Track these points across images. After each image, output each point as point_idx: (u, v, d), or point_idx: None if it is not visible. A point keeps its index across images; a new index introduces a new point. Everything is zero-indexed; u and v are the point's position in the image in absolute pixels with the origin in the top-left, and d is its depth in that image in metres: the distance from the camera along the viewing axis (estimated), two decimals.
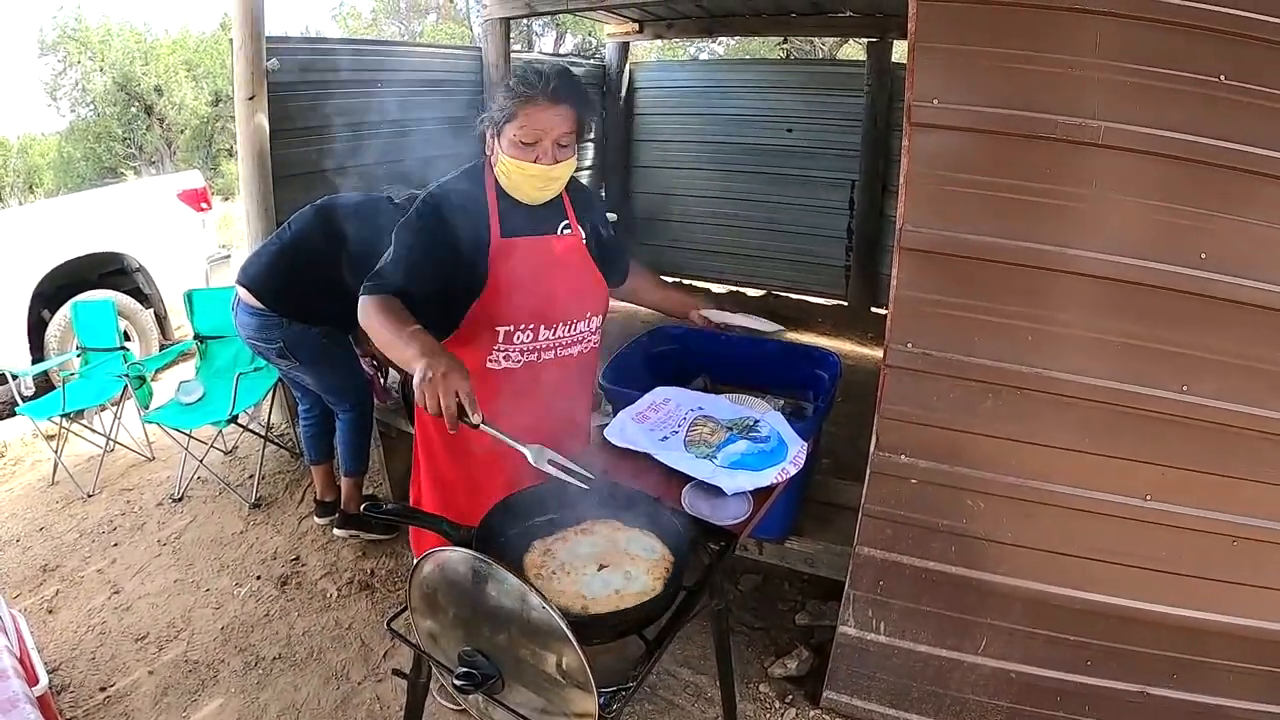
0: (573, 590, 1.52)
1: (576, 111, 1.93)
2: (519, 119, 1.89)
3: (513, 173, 1.95)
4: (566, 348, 2.13)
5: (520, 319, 2.02)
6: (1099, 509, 2.15)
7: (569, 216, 2.14)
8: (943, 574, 2.34)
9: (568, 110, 1.91)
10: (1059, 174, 2.00)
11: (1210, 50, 1.84)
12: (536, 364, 2.09)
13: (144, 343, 5.91)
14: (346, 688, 2.85)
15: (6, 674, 1.80)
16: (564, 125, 1.91)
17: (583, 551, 1.64)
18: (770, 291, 7.57)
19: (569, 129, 1.92)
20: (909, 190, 2.10)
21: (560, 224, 2.12)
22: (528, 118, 1.89)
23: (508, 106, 1.90)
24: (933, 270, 2.13)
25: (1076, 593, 2.24)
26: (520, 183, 1.97)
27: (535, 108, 1.88)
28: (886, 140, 6.48)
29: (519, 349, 2.06)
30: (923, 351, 2.17)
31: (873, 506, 2.36)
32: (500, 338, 2.03)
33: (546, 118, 1.89)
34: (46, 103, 18.17)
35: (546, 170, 1.93)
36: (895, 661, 2.49)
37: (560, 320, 2.08)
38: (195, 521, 3.96)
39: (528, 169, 1.93)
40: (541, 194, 2.01)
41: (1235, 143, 1.86)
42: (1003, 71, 1.98)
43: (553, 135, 1.90)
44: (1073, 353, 2.09)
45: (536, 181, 1.96)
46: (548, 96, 1.87)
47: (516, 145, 1.91)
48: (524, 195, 2.01)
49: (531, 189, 1.99)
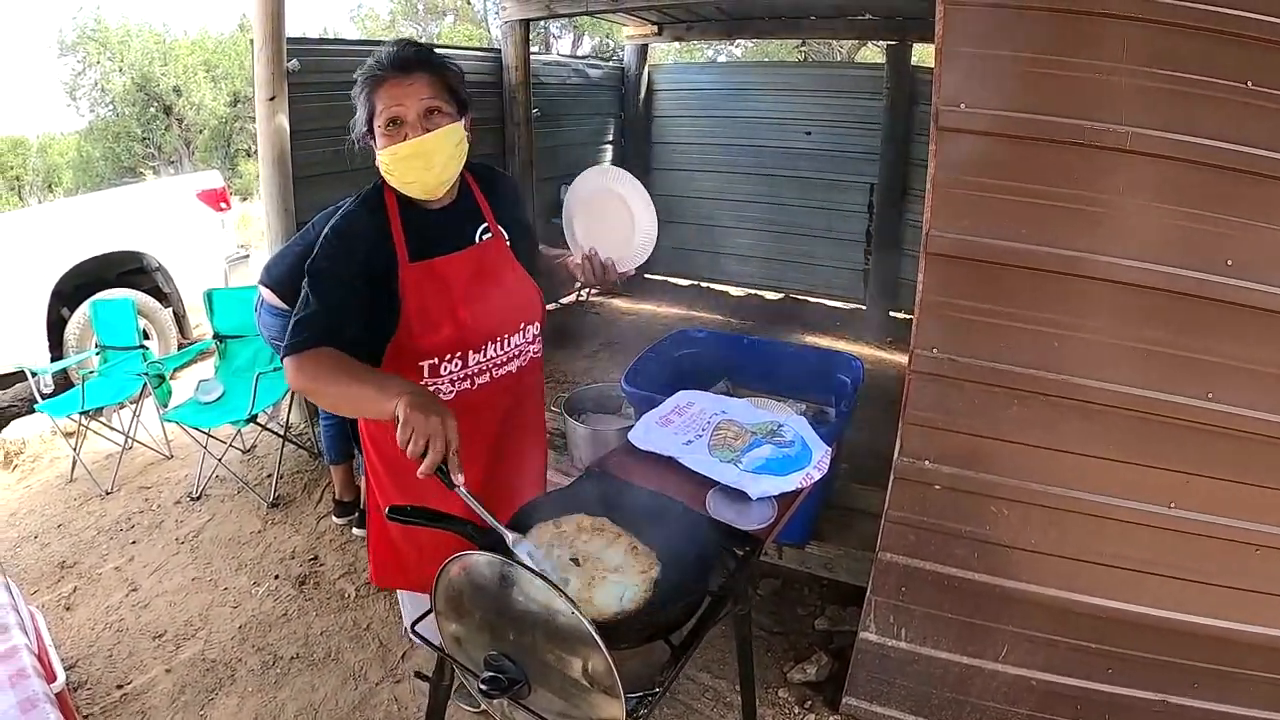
0: (598, 595, 1.52)
1: (432, 75, 1.77)
2: (377, 106, 1.76)
3: (390, 163, 1.78)
4: (502, 366, 1.99)
5: (443, 349, 1.87)
6: (1123, 516, 2.14)
7: (487, 218, 1.97)
8: (965, 580, 2.33)
9: (421, 76, 1.75)
10: (1086, 179, 1.98)
11: (1237, 56, 1.82)
12: (471, 391, 1.95)
13: (163, 341, 5.94)
14: (364, 688, 2.85)
15: (26, 673, 1.80)
16: (422, 92, 1.75)
17: (606, 555, 1.63)
18: (788, 294, 7.55)
19: (429, 94, 1.75)
20: (935, 194, 2.09)
21: (478, 229, 1.95)
22: (382, 99, 1.75)
23: (365, 101, 1.78)
24: (959, 275, 2.12)
25: (1099, 600, 2.22)
26: (403, 170, 1.78)
27: (385, 86, 1.74)
28: (906, 143, 6.46)
29: (448, 379, 1.91)
30: (948, 357, 2.15)
31: (896, 512, 2.34)
32: (425, 373, 1.88)
33: (400, 91, 1.74)
34: (66, 102, 18.37)
35: (419, 144, 1.74)
36: (916, 668, 2.48)
37: (488, 340, 1.93)
38: (213, 520, 3.98)
39: (400, 150, 1.75)
40: (429, 175, 1.80)
41: (1261, 148, 1.85)
42: (1030, 76, 1.97)
43: (414, 108, 1.74)
44: (1098, 359, 2.07)
45: (416, 162, 1.77)
46: (393, 70, 1.74)
47: (385, 135, 1.76)
48: (419, 187, 1.82)
49: (414, 172, 1.79)
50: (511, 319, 1.97)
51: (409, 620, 2.27)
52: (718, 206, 7.57)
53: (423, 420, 1.45)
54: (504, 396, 2.02)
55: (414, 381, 1.70)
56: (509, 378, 2.02)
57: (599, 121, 7.72)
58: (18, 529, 4.00)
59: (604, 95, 7.73)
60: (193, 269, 6.11)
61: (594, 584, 1.55)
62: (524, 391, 2.11)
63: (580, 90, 7.41)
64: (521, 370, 2.05)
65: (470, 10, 19.98)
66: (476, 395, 1.95)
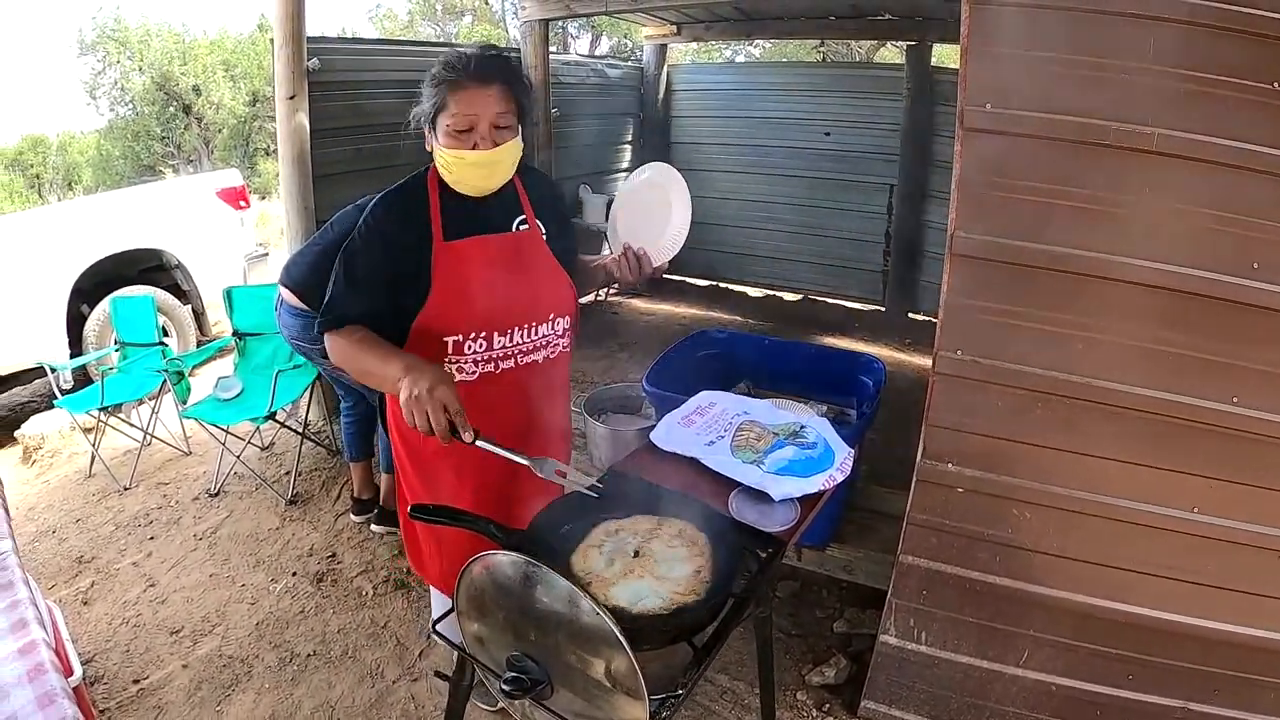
0: (620, 594, 1.51)
1: (509, 88, 1.81)
2: (450, 107, 1.79)
3: (453, 165, 1.83)
4: (528, 354, 2.01)
5: (469, 327, 1.90)
6: (1145, 521, 2.12)
7: (525, 210, 2.01)
8: (986, 584, 2.31)
9: (500, 89, 1.79)
10: (1112, 180, 1.97)
11: (1266, 57, 1.80)
12: (495, 374, 1.97)
13: (182, 339, 5.96)
14: (381, 686, 2.85)
15: (45, 668, 1.80)
16: (498, 105, 1.79)
17: (629, 554, 1.63)
18: (807, 296, 7.56)
19: (504, 108, 1.81)
20: (960, 195, 2.08)
21: (515, 219, 2.00)
22: (457, 103, 1.78)
23: (435, 96, 1.80)
24: (983, 277, 2.10)
25: (1120, 605, 2.20)
26: (463, 174, 1.85)
27: (464, 92, 1.77)
28: (925, 144, 6.46)
29: (471, 359, 1.94)
30: (972, 359, 2.14)
31: (918, 515, 2.33)
32: (449, 349, 1.91)
33: (478, 100, 1.78)
34: (86, 101, 18.54)
35: (487, 156, 1.81)
36: (935, 672, 2.46)
37: (516, 325, 1.95)
38: (231, 517, 3.99)
39: (467, 157, 1.80)
40: (488, 182, 1.89)
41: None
42: (1056, 76, 1.95)
43: (487, 118, 1.79)
44: (1122, 362, 2.05)
45: (480, 170, 1.84)
46: (474, 78, 1.77)
47: (451, 135, 1.80)
48: (469, 187, 1.88)
49: (476, 178, 1.86)
50: (541, 308, 1.99)
51: (437, 614, 2.29)
52: (737, 207, 7.60)
53: (417, 399, 1.55)
54: (528, 386, 2.03)
55: (413, 357, 1.73)
56: (534, 367, 2.03)
57: (618, 121, 7.73)
58: (36, 524, 4.03)
59: (623, 95, 7.74)
60: (212, 267, 6.14)
61: (659, 575, 1.56)
62: (550, 385, 2.11)
63: (599, 90, 7.42)
64: (548, 362, 2.06)
65: (488, 10, 20.03)
66: (500, 379, 1.98)
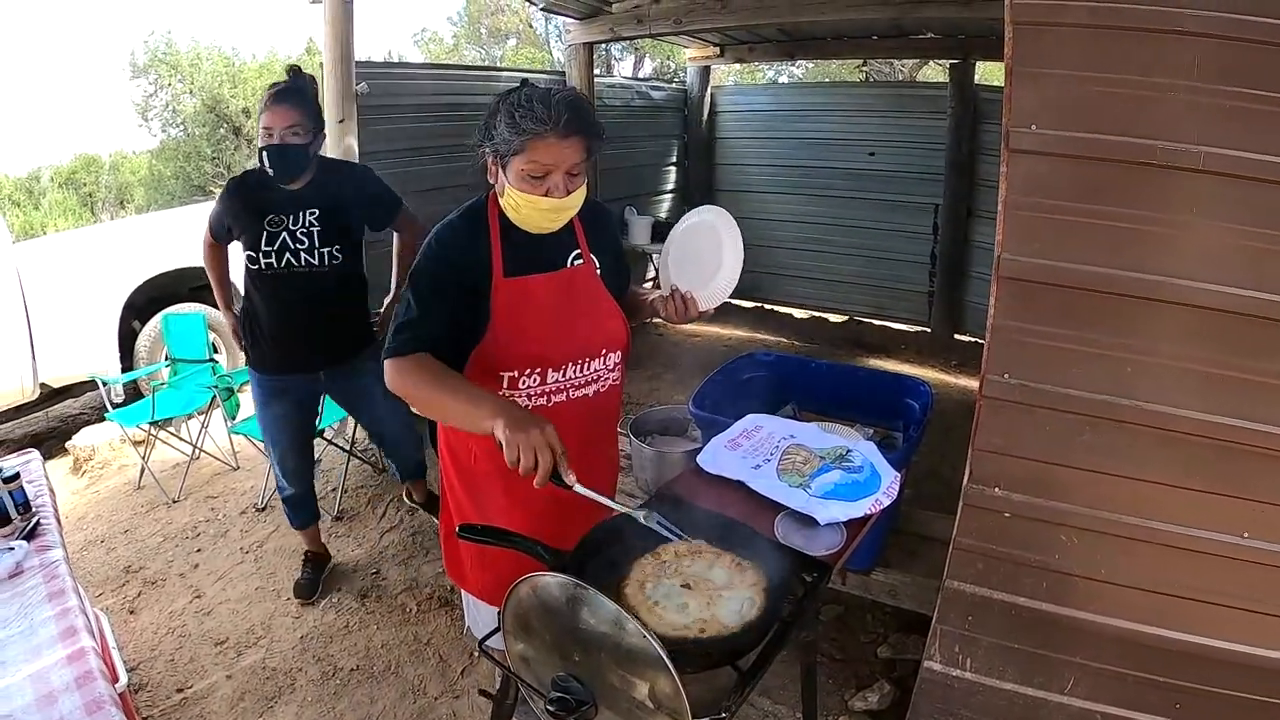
0: (668, 617, 1.51)
1: (586, 140, 1.82)
2: (527, 153, 1.78)
3: (523, 206, 1.84)
4: (580, 388, 2.03)
5: (525, 364, 1.93)
6: (1195, 546, 2.06)
7: (580, 245, 2.04)
8: (1033, 610, 2.27)
9: (578, 141, 1.80)
10: (1159, 200, 1.93)
11: None
12: (547, 408, 1.99)
13: (231, 356, 6.05)
14: (423, 702, 2.88)
15: (93, 675, 1.85)
16: (575, 156, 1.81)
17: (678, 578, 1.63)
18: (852, 317, 7.55)
19: (580, 159, 1.82)
20: (1006, 217, 2.06)
21: (571, 254, 2.03)
22: (536, 152, 1.78)
23: (514, 141, 1.78)
24: (1031, 299, 2.07)
25: (1169, 633, 2.15)
26: (531, 216, 1.87)
27: (545, 143, 1.77)
28: (971, 164, 6.42)
29: (525, 394, 1.96)
30: (1019, 383, 2.11)
31: (964, 540, 2.30)
32: (504, 384, 1.94)
33: (557, 151, 1.78)
34: (138, 123, 18.81)
35: (560, 203, 1.84)
36: (980, 699, 2.42)
37: (569, 361, 1.98)
38: (278, 531, 4.05)
39: (539, 203, 1.82)
40: (555, 225, 1.92)
41: None
42: (1101, 95, 1.93)
43: (564, 168, 1.81)
44: (1173, 385, 2.01)
45: (550, 214, 1.87)
46: (558, 132, 1.75)
47: (525, 179, 1.81)
48: (534, 226, 1.91)
49: (544, 221, 1.89)
50: (594, 343, 2.01)
51: (470, 622, 2.31)
52: (781, 228, 7.60)
53: (524, 437, 1.53)
54: (579, 418, 2.03)
55: (503, 398, 1.79)
56: (586, 401, 2.04)
57: (662, 143, 7.78)
58: (85, 533, 4.12)
59: (667, 117, 7.79)
60: None
61: (713, 604, 1.55)
62: (600, 417, 2.13)
63: (643, 112, 7.48)
64: (599, 395, 2.07)
65: (533, 34, 20.21)
66: (550, 412, 1.96)
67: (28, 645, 1.96)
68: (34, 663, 1.89)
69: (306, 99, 2.99)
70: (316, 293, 3.09)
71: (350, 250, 3.14)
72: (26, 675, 1.85)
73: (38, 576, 2.25)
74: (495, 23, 20.45)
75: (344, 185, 3.13)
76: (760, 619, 1.51)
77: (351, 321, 3.28)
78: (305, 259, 3.04)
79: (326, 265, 3.07)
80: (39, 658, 1.91)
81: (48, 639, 1.98)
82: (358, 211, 3.17)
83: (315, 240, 3.03)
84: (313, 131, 2.99)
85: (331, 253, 3.07)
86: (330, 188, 3.07)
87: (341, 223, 3.09)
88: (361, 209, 3.19)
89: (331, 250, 3.07)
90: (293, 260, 3.03)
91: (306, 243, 3.02)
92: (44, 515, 2.54)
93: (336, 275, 3.11)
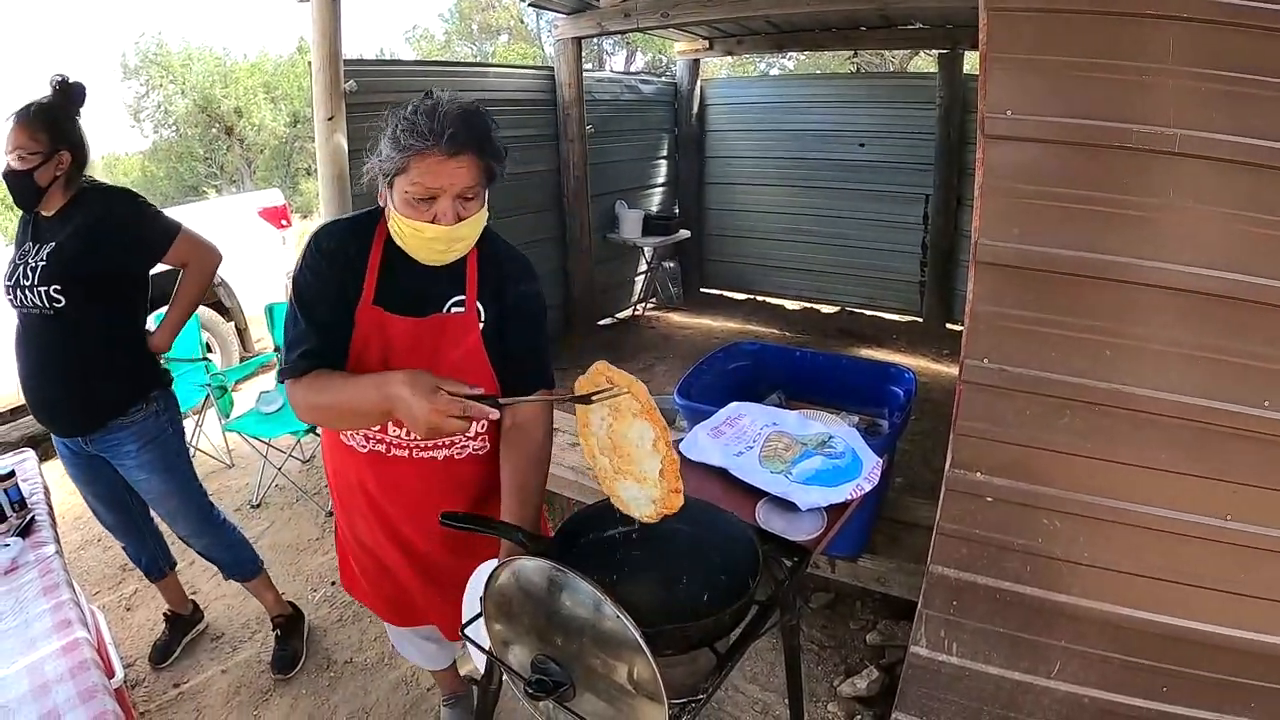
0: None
1: (480, 160, 1.59)
2: (410, 173, 1.57)
3: (408, 235, 1.64)
4: (425, 450, 1.85)
5: None
6: (1177, 529, 2.08)
7: (468, 290, 1.79)
8: (1017, 594, 2.29)
9: (469, 159, 1.57)
10: (1135, 184, 1.95)
11: None
12: (383, 456, 1.86)
13: (225, 354, 6.07)
14: (416, 693, 2.90)
15: (87, 665, 1.87)
16: (466, 178, 1.58)
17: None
18: (844, 308, 7.57)
19: (472, 181, 1.59)
20: (983, 203, 2.07)
21: (451, 300, 1.78)
22: (420, 173, 1.56)
23: (395, 158, 1.57)
24: (1009, 284, 2.09)
25: (1153, 616, 2.17)
26: (418, 246, 1.66)
27: (428, 161, 1.55)
28: (960, 153, 6.44)
29: (363, 433, 1.84)
30: (999, 367, 2.13)
31: (947, 525, 2.32)
32: None
33: (444, 171, 1.56)
34: (130, 124, 18.79)
35: (448, 232, 1.61)
36: (966, 683, 2.44)
37: None
38: (273, 527, 4.07)
39: (424, 230, 1.61)
40: (443, 257, 1.69)
41: None
42: (1076, 80, 1.94)
43: (452, 191, 1.58)
44: (1152, 368, 2.03)
45: (437, 244, 1.64)
46: (443, 148, 1.53)
47: (410, 204, 1.60)
48: (422, 257, 1.69)
49: (431, 253, 1.67)
50: None
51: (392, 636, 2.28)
52: (772, 220, 7.63)
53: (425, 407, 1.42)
54: (422, 479, 1.89)
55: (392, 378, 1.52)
56: (433, 463, 1.89)
57: (653, 137, 7.78)
58: (82, 532, 4.12)
59: (657, 110, 7.79)
60: (255, 284, 6.24)
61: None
62: (453, 485, 1.93)
63: (633, 106, 7.48)
64: (453, 461, 1.90)
65: (524, 29, 20.23)
66: (387, 464, 1.88)
67: (23, 638, 1.98)
68: (29, 655, 1.91)
69: (46, 119, 2.52)
70: (47, 341, 2.57)
71: (82, 294, 2.52)
72: (22, 667, 1.87)
73: (33, 572, 2.27)
74: (486, 19, 20.47)
75: (93, 218, 2.57)
76: (736, 595, 1.51)
77: (89, 381, 2.61)
78: (29, 297, 2.50)
79: (50, 307, 2.49)
80: (34, 650, 1.93)
81: (42, 631, 2.00)
82: (106, 249, 2.58)
83: (36, 277, 2.48)
84: (43, 155, 2.48)
85: (49, 293, 2.47)
86: (75, 219, 2.55)
87: (70, 260, 2.50)
88: (111, 245, 2.59)
89: (49, 290, 2.47)
90: (23, 298, 2.51)
91: (31, 279, 2.49)
92: (39, 512, 2.56)
93: (69, 322, 2.53)
